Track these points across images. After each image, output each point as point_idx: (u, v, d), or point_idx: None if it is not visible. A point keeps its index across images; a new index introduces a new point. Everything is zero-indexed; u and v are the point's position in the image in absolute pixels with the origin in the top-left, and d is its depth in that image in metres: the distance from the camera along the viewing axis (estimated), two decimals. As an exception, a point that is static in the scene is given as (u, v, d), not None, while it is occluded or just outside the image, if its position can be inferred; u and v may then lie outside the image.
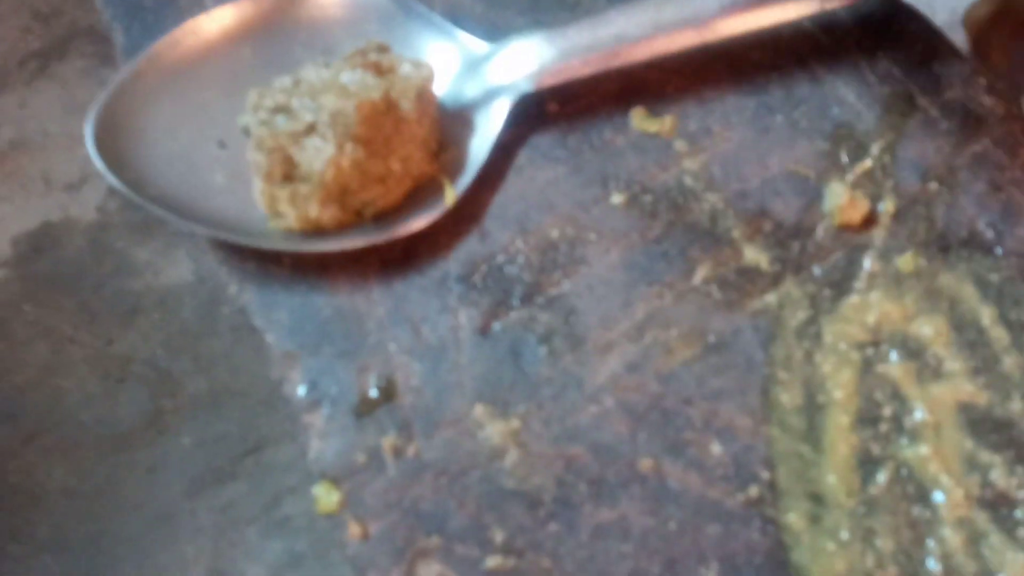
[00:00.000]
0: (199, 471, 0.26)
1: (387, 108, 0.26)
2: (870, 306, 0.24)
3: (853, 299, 0.24)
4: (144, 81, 0.28)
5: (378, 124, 0.25)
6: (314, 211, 0.26)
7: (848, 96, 0.27)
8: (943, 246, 0.25)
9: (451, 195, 0.26)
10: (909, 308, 0.24)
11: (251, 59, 0.28)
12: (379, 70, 0.26)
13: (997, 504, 0.22)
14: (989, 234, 0.25)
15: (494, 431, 0.24)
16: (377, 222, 0.26)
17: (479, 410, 0.24)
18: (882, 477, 0.22)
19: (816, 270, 0.25)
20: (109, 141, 0.27)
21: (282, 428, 0.26)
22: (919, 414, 0.23)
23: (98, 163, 0.26)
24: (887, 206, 0.25)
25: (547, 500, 0.23)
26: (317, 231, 0.26)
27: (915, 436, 0.23)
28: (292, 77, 0.27)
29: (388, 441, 0.24)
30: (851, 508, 0.22)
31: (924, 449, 0.23)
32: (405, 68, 0.26)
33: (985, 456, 0.22)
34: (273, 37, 0.29)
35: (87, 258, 0.30)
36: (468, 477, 0.23)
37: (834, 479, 0.23)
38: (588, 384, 0.24)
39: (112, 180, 0.27)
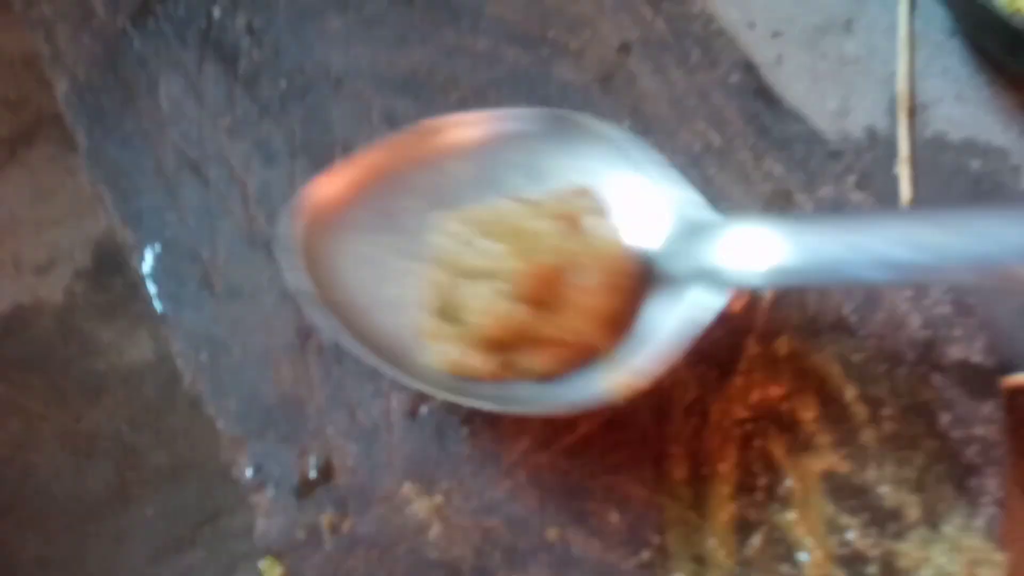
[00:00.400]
0: (161, 540, 0.29)
1: (562, 276, 0.24)
2: (751, 386, 0.28)
3: (736, 380, 0.28)
4: (354, 180, 0.27)
5: (549, 288, 0.24)
6: (464, 356, 0.24)
7: (735, 192, 0.30)
8: (814, 330, 0.28)
9: (618, 393, 0.24)
10: (784, 387, 0.28)
11: (462, 171, 0.27)
12: (571, 225, 0.25)
13: (853, 562, 0.25)
14: (853, 319, 0.28)
15: (420, 507, 0.27)
16: (533, 383, 0.25)
17: (407, 487, 0.27)
18: (756, 540, 0.26)
19: (704, 352, 0.28)
20: (304, 239, 0.26)
21: (236, 497, 0.29)
22: (789, 482, 0.26)
23: (296, 266, 0.26)
24: (766, 294, 0.29)
25: (466, 569, 0.26)
26: (466, 374, 0.25)
27: (785, 502, 0.26)
28: (485, 208, 0.26)
29: (326, 518, 0.27)
30: (729, 568, 0.26)
31: (792, 514, 0.26)
32: (599, 232, 0.24)
33: (844, 519, 0.26)
34: (487, 153, 0.27)
35: (55, 339, 0.32)
36: (396, 549, 0.26)
37: (715, 542, 0.26)
38: (504, 460, 0.28)
39: (302, 284, 0.25)
